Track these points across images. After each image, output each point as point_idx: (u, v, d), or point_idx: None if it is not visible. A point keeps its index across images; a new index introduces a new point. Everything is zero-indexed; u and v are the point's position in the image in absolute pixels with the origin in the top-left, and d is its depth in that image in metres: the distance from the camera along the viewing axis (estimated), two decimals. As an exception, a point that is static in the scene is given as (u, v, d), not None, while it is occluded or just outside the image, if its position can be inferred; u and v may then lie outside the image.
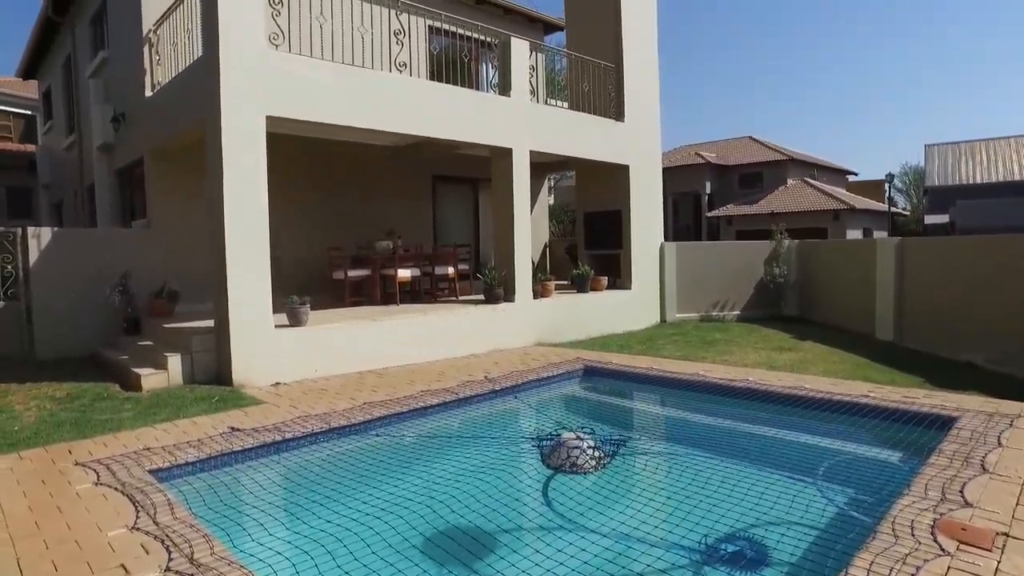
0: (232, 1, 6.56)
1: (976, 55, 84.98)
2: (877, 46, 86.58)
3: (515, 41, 9.27)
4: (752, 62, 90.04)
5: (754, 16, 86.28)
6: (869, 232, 29.94)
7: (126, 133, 10.17)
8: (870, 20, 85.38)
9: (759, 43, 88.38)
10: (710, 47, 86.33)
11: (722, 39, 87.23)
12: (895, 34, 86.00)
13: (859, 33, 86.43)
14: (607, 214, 11.66)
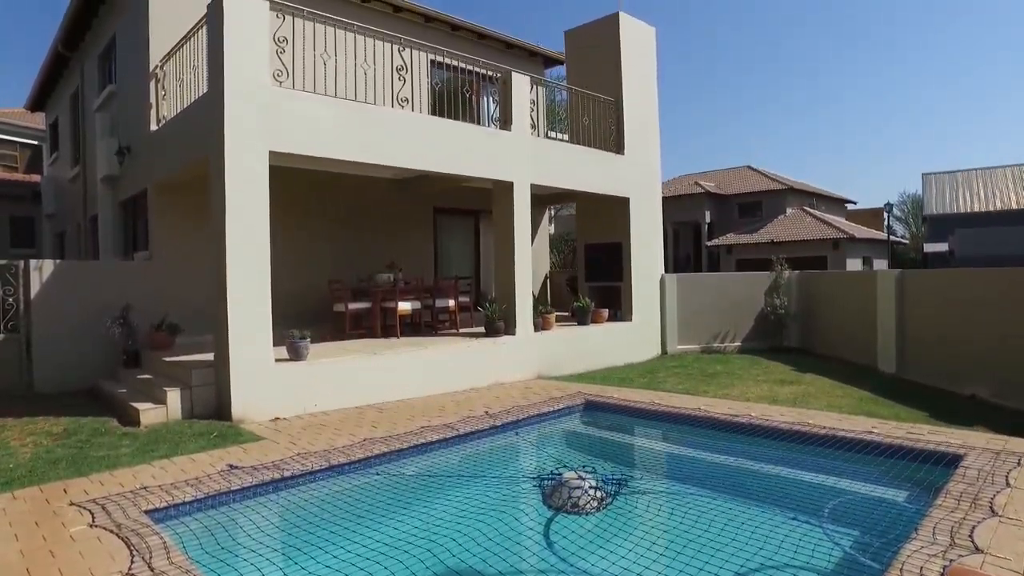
0: (237, 39, 6.67)
1: (973, 83, 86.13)
2: (875, 74, 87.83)
3: (516, 76, 9.40)
4: (749, 91, 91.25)
5: (750, 46, 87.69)
6: (869, 261, 30.03)
7: (130, 166, 10.27)
8: (866, 49, 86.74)
9: (756, 72, 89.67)
10: (707, 76, 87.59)
11: (719, 68, 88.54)
12: (893, 61, 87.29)
13: (857, 61, 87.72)
14: (608, 246, 11.70)
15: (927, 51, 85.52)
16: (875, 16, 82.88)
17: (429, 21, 12.50)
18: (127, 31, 10.30)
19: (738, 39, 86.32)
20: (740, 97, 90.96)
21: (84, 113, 12.98)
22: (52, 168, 17.69)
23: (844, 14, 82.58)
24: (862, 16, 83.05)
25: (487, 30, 13.33)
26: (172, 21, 9.06)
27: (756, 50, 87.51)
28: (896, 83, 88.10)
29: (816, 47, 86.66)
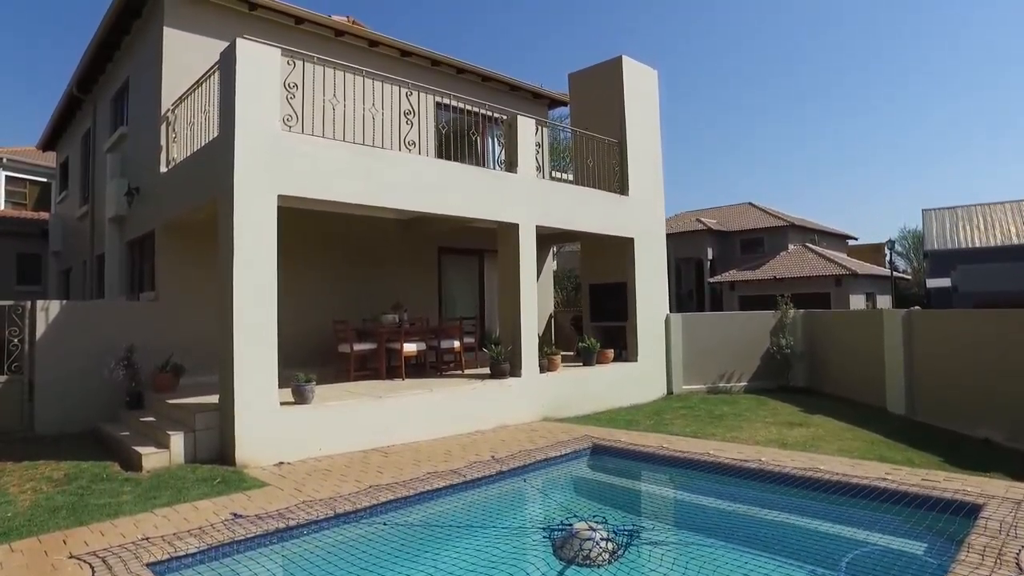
0: (249, 85, 6.79)
1: (972, 117, 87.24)
2: (875, 110, 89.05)
3: (522, 119, 9.54)
4: (748, 128, 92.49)
5: (747, 83, 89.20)
6: (872, 297, 30.00)
7: (139, 206, 10.36)
8: (863, 85, 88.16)
9: (756, 109, 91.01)
10: (708, 113, 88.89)
11: (718, 105, 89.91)
12: (890, 98, 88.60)
13: (855, 97, 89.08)
14: (612, 286, 11.71)
15: (922, 87, 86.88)
16: (872, 50, 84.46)
17: (436, 64, 12.74)
18: (141, 75, 10.50)
19: (735, 77, 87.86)
20: (739, 134, 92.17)
21: (95, 153, 13.15)
22: (60, 206, 17.86)
23: (842, 50, 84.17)
24: (860, 51, 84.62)
25: (492, 72, 13.57)
26: (185, 66, 9.27)
27: (753, 88, 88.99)
28: (892, 119, 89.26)
29: (813, 83, 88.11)
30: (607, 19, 78.16)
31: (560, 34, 78.77)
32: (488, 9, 76.32)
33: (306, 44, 10.46)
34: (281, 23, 10.65)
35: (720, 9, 76.94)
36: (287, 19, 10.70)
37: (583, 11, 77.76)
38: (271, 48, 7.08)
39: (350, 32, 11.41)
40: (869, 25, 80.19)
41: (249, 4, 10.19)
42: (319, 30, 11.11)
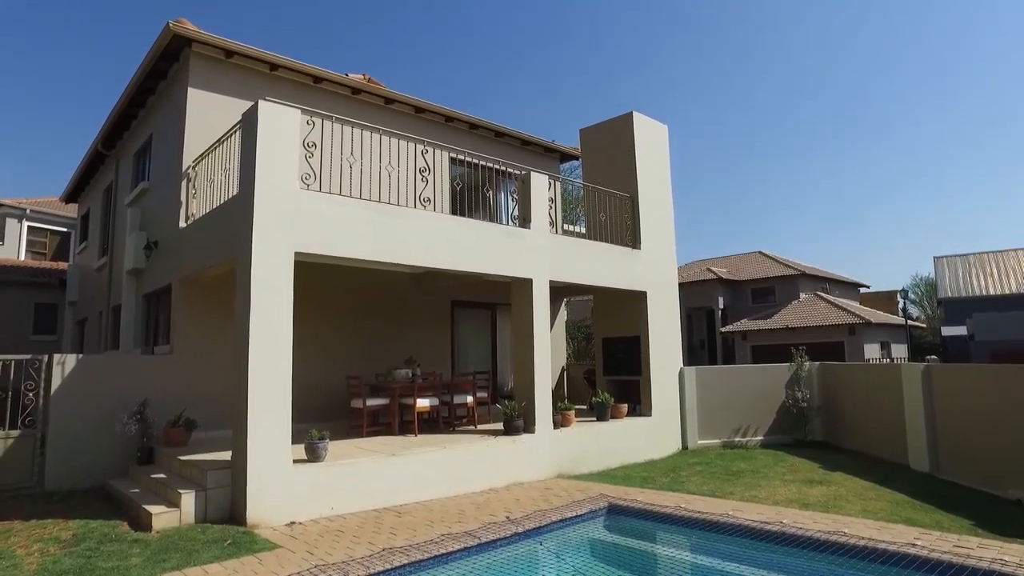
0: (270, 145, 6.96)
1: (982, 164, 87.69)
2: (882, 158, 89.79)
3: (535, 176, 9.69)
4: (757, 177, 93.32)
5: (753, 134, 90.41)
6: (887, 346, 29.63)
7: (157, 260, 10.51)
8: (869, 132, 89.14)
9: (762, 158, 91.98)
10: (715, 162, 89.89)
11: (725, 154, 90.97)
12: (896, 145, 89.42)
13: (860, 145, 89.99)
14: (625, 340, 11.65)
15: (929, 135, 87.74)
16: (878, 95, 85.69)
17: (449, 120, 13.04)
18: (164, 133, 10.80)
19: (739, 127, 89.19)
20: (746, 182, 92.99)
21: (116, 207, 13.44)
22: (79, 257, 18.16)
23: (847, 96, 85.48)
24: (866, 96, 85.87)
25: (505, 128, 13.86)
26: (206, 124, 9.55)
27: (759, 136, 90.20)
28: (899, 166, 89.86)
29: (818, 131, 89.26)
30: (614, 70, 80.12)
31: (570, 86, 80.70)
32: (499, 67, 78.56)
33: (324, 102, 10.77)
34: (300, 82, 10.99)
35: (725, 59, 78.71)
36: (306, 79, 11.04)
37: (592, 64, 79.82)
38: (291, 109, 7.28)
39: (366, 90, 11.74)
40: (878, 69, 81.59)
41: (270, 65, 10.53)
42: (337, 88, 11.44)
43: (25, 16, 61.77)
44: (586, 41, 77.54)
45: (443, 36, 77.98)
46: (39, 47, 66.22)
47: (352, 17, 74.69)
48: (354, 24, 75.81)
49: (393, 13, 74.68)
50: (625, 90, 78.66)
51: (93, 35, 66.99)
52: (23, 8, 59.93)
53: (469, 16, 74.81)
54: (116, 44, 70.22)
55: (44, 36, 63.80)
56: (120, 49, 70.38)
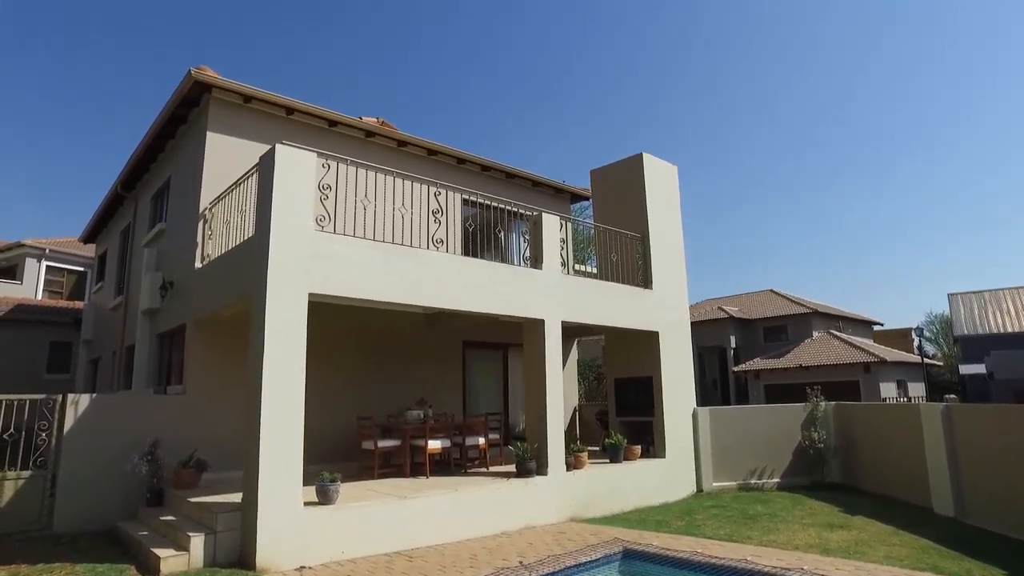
0: (286, 188, 7.09)
1: (993, 202, 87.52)
2: (890, 195, 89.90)
3: (546, 217, 9.78)
4: (766, 216, 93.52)
5: (760, 175, 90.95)
6: (903, 384, 29.19)
7: (172, 300, 10.61)
8: (880, 167, 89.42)
9: (771, 196, 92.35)
10: (723, 199, 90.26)
11: (735, 193, 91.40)
12: (905, 181, 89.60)
13: (868, 181, 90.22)
14: (638, 380, 11.56)
15: (940, 168, 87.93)
16: (887, 131, 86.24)
17: (461, 162, 13.25)
18: (182, 175, 11.03)
19: (746, 166, 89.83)
20: (755, 221, 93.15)
21: (132, 247, 13.65)
22: (95, 296, 18.38)
23: (855, 134, 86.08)
24: (875, 132, 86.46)
25: (515, 169, 14.05)
26: (224, 166, 9.72)
27: (767, 174, 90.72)
28: (908, 202, 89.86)
29: (827, 168, 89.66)
30: (624, 108, 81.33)
31: (580, 126, 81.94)
32: (510, 110, 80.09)
33: (339, 145, 10.99)
34: (316, 126, 11.24)
35: (733, 97, 79.78)
36: (321, 122, 11.29)
37: (602, 104, 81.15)
38: (307, 153, 7.43)
39: (380, 133, 11.98)
40: (888, 105, 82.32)
41: (286, 109, 10.79)
42: (351, 132, 11.69)
43: (52, 65, 64.02)
44: (596, 83, 79.02)
45: (456, 80, 79.79)
46: (64, 91, 68.36)
47: (366, 61, 76.76)
48: (368, 68, 77.86)
49: (406, 64, 76.69)
50: (634, 131, 79.74)
51: (113, 79, 69.16)
52: (49, 58, 62.19)
53: (481, 61, 76.69)
54: (135, 87, 72.36)
55: (70, 81, 65.91)
56: (137, 91, 72.50)
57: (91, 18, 61.57)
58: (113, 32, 63.44)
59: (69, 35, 62.25)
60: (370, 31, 73.37)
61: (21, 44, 58.10)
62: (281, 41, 75.28)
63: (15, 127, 63.86)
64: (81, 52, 64.30)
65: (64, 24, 60.47)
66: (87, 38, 63.61)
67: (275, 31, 74.32)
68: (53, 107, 68.17)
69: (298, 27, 74.05)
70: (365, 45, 74.63)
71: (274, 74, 79.22)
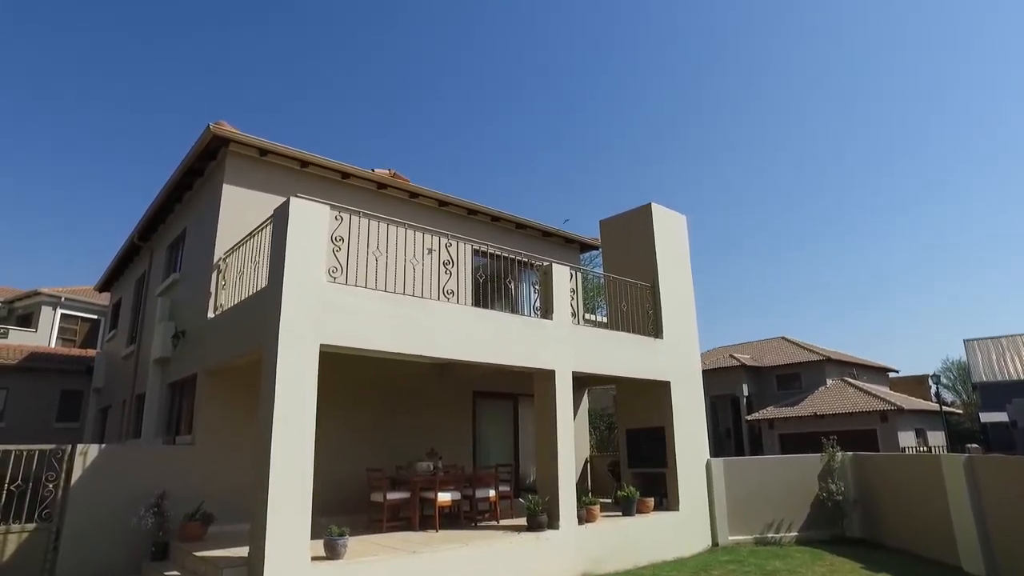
0: (299, 240, 7.18)
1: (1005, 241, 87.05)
2: (896, 239, 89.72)
3: (557, 267, 9.83)
4: (776, 262, 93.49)
5: (769, 220, 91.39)
6: (922, 433, 28.59)
7: (184, 349, 10.67)
8: (890, 210, 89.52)
9: (781, 242, 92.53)
10: (732, 247, 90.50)
11: (742, 240, 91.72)
12: (913, 225, 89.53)
13: (875, 226, 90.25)
14: (650, 431, 11.41)
15: (951, 211, 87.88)
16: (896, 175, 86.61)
17: (472, 213, 13.42)
18: (197, 226, 11.24)
19: (756, 212, 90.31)
20: (765, 267, 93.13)
21: (146, 296, 13.80)
22: (108, 344, 18.51)
23: (861, 180, 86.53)
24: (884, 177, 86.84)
25: (525, 220, 14.21)
26: (238, 218, 9.89)
27: (776, 221, 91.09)
28: (923, 248, 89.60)
29: (834, 213, 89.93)
30: (632, 157, 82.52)
31: (589, 178, 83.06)
32: (519, 162, 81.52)
33: (352, 197, 11.20)
34: (329, 178, 11.47)
35: (742, 144, 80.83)
36: (335, 174, 11.52)
37: (610, 154, 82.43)
38: (321, 205, 7.56)
39: (392, 185, 12.19)
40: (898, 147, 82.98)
41: (301, 162, 11.04)
42: (364, 184, 11.91)
43: (76, 118, 66.17)
44: (605, 132, 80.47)
45: (467, 131, 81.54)
46: (89, 147, 70.44)
47: (378, 113, 78.77)
48: (381, 121, 79.82)
49: (419, 114, 78.60)
50: (643, 179, 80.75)
51: (131, 134, 71.25)
52: (73, 108, 64.31)
53: (492, 114, 78.47)
54: (154, 141, 74.43)
55: (91, 138, 68.01)
56: (154, 144, 74.50)
57: (112, 75, 63.95)
58: (132, 89, 65.73)
59: (93, 93, 64.56)
60: (382, 85, 75.53)
61: (46, 97, 60.30)
62: (296, 101, 77.57)
63: (35, 177, 65.66)
64: (103, 106, 66.51)
65: (86, 83, 62.81)
66: (108, 96, 65.90)
67: (293, 90, 76.70)
68: (73, 159, 70.15)
69: (310, 86, 76.40)
70: (377, 99, 76.72)
71: (288, 127, 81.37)
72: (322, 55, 76.97)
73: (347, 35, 76.33)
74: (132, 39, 62.83)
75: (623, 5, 71.53)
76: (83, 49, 63.14)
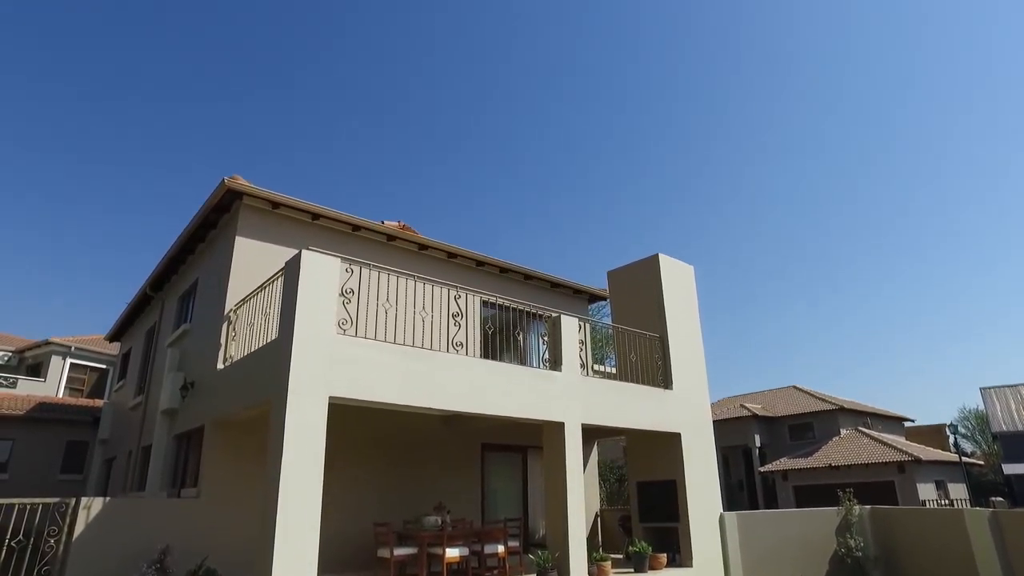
0: (310, 292, 7.25)
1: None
2: (904, 283, 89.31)
3: (565, 319, 9.85)
4: (785, 311, 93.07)
5: (774, 273, 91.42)
6: (943, 485, 27.81)
7: (192, 401, 10.64)
8: (898, 253, 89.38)
9: (790, 291, 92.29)
10: (739, 296, 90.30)
11: (749, 290, 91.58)
12: (921, 271, 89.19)
13: (883, 271, 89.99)
14: (661, 484, 11.18)
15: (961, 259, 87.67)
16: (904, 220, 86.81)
17: (480, 265, 13.52)
18: (209, 277, 11.36)
19: (762, 262, 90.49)
20: (774, 316, 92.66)
21: (156, 347, 13.85)
22: (116, 394, 18.49)
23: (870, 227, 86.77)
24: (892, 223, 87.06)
25: (533, 271, 14.29)
26: (251, 270, 10.00)
27: (782, 270, 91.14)
28: (934, 294, 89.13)
29: (840, 263, 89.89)
30: (639, 210, 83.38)
31: (597, 227, 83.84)
32: (526, 214, 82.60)
33: (361, 249, 11.33)
34: (340, 231, 11.63)
35: (749, 194, 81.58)
36: (345, 227, 11.69)
37: (617, 206, 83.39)
38: (332, 258, 7.66)
39: (401, 237, 12.35)
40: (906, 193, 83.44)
41: (312, 215, 11.22)
42: (374, 236, 12.07)
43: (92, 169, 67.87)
44: (614, 183, 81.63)
45: (476, 184, 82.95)
46: (107, 200, 72.04)
47: (387, 165, 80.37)
48: (391, 174, 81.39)
49: (432, 167, 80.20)
50: (651, 229, 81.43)
51: (146, 186, 72.85)
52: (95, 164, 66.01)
53: (500, 168, 79.92)
54: (169, 192, 76.00)
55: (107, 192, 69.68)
56: (169, 196, 75.99)
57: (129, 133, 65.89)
58: (147, 145, 67.58)
59: (109, 148, 66.42)
60: (392, 137, 77.34)
61: (60, 149, 62.03)
62: (309, 153, 79.42)
63: (50, 229, 66.96)
64: (122, 164, 68.25)
65: (105, 139, 64.68)
66: (127, 152, 67.74)
67: (304, 143, 78.65)
68: (85, 212, 71.63)
69: (318, 137, 78.34)
70: (387, 151, 78.44)
71: (299, 177, 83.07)
72: (338, 120, 79.24)
73: (360, 100, 78.80)
74: (144, 101, 65.00)
75: (633, 71, 73.80)
76: (116, 115, 65.27)
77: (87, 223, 73.77)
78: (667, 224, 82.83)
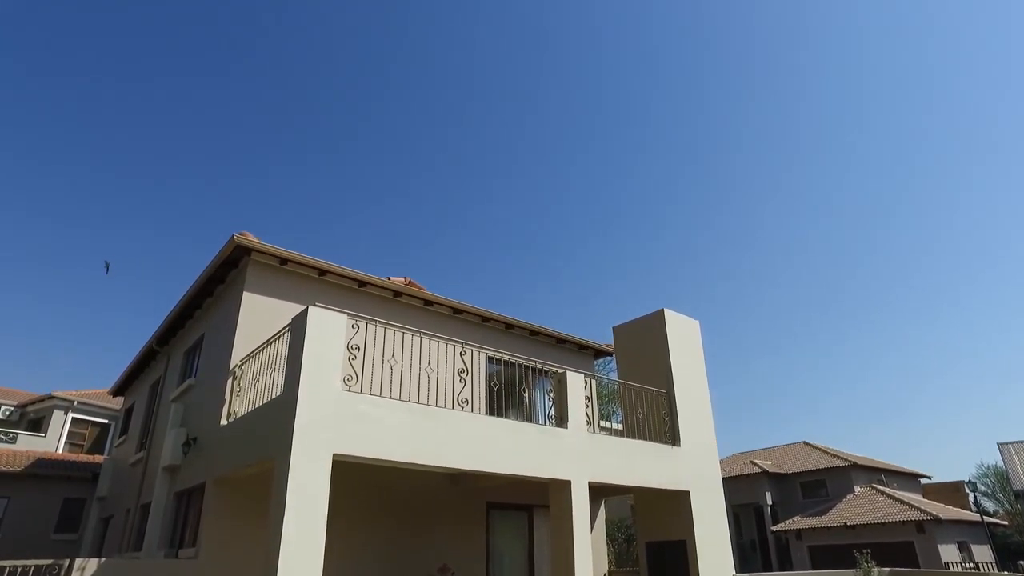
0: (316, 348, 7.26)
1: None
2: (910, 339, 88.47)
3: (571, 375, 9.79)
4: (792, 366, 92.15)
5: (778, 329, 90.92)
6: (965, 547, 26.84)
7: (194, 457, 10.51)
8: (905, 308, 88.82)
9: (797, 346, 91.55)
10: (745, 352, 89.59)
11: (756, 346, 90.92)
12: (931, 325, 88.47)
13: (897, 325, 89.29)
14: (670, 544, 10.88)
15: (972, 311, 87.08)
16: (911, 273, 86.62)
17: (486, 320, 13.54)
18: (215, 332, 11.38)
19: (771, 318, 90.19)
20: (782, 372, 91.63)
21: (160, 402, 13.77)
22: (117, 450, 18.27)
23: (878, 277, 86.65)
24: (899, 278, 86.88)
25: (539, 327, 14.29)
26: (257, 326, 10.03)
27: (792, 326, 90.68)
28: (946, 347, 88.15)
29: (854, 317, 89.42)
30: (645, 268, 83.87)
31: (603, 283, 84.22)
32: (533, 270, 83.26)
33: (368, 304, 11.39)
34: (346, 286, 11.71)
35: (755, 250, 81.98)
36: (351, 283, 11.77)
37: (623, 264, 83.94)
38: (338, 314, 7.69)
39: (407, 293, 12.41)
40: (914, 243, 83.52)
41: (319, 271, 11.32)
42: (380, 292, 12.14)
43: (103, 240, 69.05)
44: (620, 238, 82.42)
45: (480, 244, 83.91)
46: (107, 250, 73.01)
47: (397, 223, 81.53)
48: (398, 231, 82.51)
49: (443, 230, 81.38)
50: (656, 284, 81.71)
51: (154, 241, 73.91)
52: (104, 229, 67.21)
53: (503, 226, 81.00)
54: (175, 248, 77.06)
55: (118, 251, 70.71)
56: (176, 251, 76.98)
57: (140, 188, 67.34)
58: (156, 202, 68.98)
59: (118, 204, 67.77)
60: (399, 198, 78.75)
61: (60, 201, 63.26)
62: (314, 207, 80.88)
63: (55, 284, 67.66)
64: (128, 220, 69.51)
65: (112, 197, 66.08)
66: (135, 207, 69.09)
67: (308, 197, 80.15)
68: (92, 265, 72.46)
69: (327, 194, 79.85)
70: (395, 210, 79.73)
71: (303, 232, 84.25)
72: (345, 183, 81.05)
73: (372, 165, 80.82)
74: (151, 171, 66.79)
75: (642, 136, 75.82)
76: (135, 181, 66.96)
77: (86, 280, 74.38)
78: (675, 282, 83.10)
